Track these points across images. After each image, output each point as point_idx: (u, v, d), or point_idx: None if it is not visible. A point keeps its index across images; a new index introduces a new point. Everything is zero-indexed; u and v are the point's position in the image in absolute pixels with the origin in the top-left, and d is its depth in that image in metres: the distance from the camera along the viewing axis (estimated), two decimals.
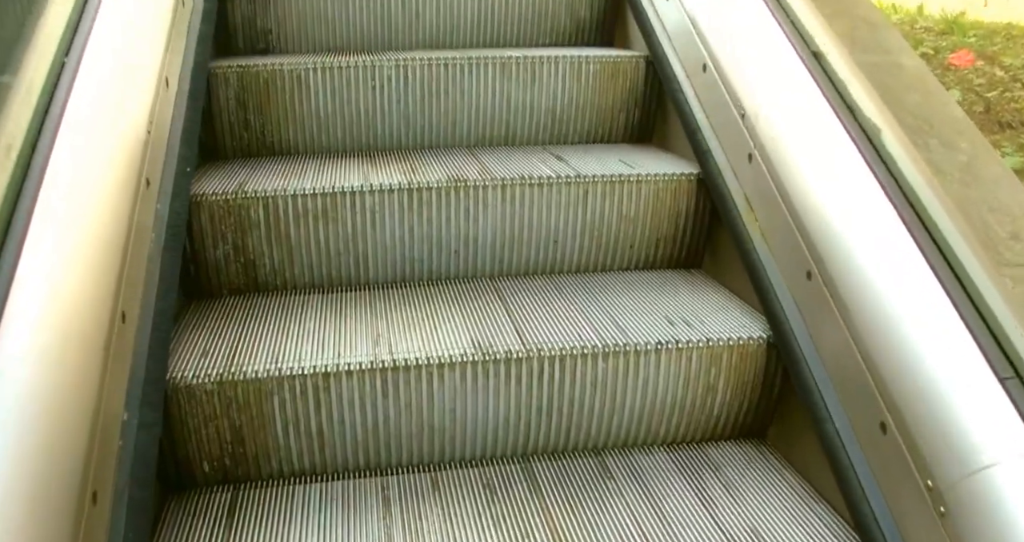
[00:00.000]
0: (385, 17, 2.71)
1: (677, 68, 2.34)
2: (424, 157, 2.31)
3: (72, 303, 1.31)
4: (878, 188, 1.59)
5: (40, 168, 1.37)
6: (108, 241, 1.51)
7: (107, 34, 1.79)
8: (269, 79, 2.33)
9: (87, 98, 1.59)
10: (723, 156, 2.10)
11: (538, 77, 2.41)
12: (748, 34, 2.06)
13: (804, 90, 1.83)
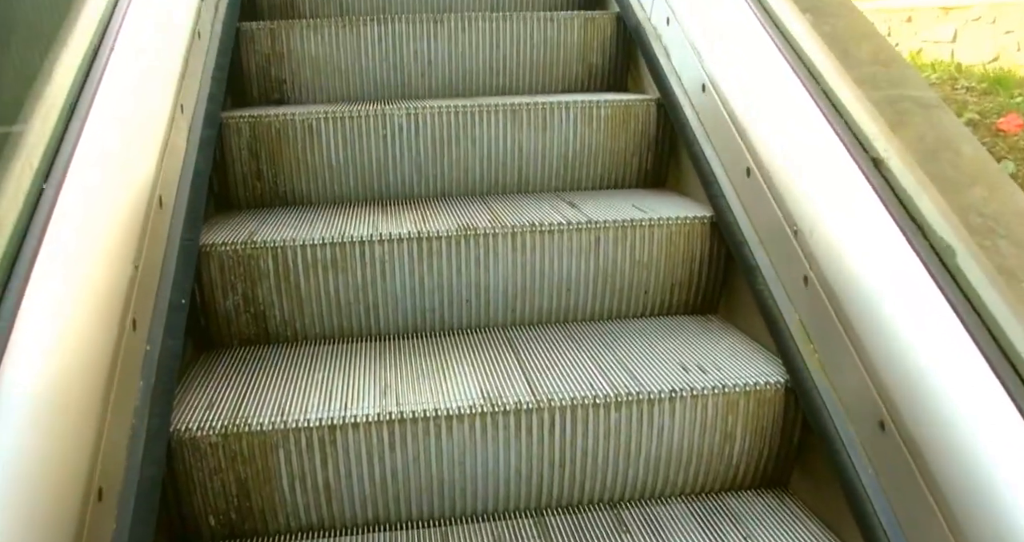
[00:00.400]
0: (398, 66, 2.72)
1: (688, 111, 2.33)
2: (435, 205, 2.30)
3: (72, 361, 1.29)
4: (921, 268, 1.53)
5: (40, 229, 1.36)
6: (113, 287, 1.50)
7: (117, 88, 1.80)
8: (281, 129, 2.34)
9: (92, 159, 1.59)
10: (736, 200, 2.07)
11: (550, 123, 2.41)
12: (766, 88, 2.03)
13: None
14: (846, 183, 1.64)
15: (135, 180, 1.74)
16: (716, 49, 2.22)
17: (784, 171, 1.86)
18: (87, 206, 1.49)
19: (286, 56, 2.71)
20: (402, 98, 2.72)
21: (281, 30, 2.70)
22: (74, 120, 1.56)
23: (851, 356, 1.59)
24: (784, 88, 1.87)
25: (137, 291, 1.60)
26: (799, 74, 1.82)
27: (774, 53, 1.91)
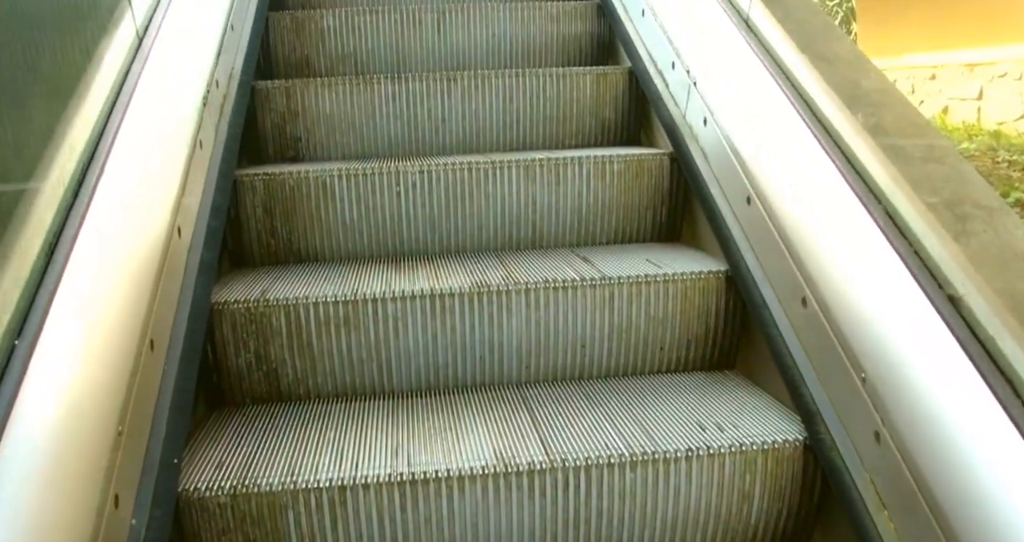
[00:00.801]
0: (412, 123, 2.74)
1: (702, 165, 2.33)
2: (449, 262, 2.30)
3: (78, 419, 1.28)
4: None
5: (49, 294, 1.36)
6: (122, 351, 1.49)
7: (128, 150, 1.81)
8: (295, 186, 2.35)
9: (109, 206, 1.60)
10: (751, 253, 2.06)
11: (563, 178, 2.41)
12: (788, 156, 2.02)
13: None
14: (851, 248, 1.63)
15: (145, 248, 1.74)
16: (729, 108, 2.22)
17: (799, 233, 1.85)
18: (100, 258, 1.49)
19: (301, 114, 2.74)
20: (416, 155, 2.73)
21: (296, 88, 2.73)
22: (89, 175, 1.57)
23: (870, 413, 1.56)
24: (808, 161, 1.85)
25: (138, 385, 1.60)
26: (836, 161, 1.77)
27: (798, 124, 1.90)
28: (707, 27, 2.40)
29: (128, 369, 1.51)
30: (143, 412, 1.55)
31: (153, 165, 1.90)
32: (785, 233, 1.89)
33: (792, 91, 1.94)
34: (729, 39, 2.24)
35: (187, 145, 2.12)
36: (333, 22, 3.11)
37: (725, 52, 2.28)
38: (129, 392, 1.49)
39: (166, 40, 2.13)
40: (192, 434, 1.84)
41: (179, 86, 2.19)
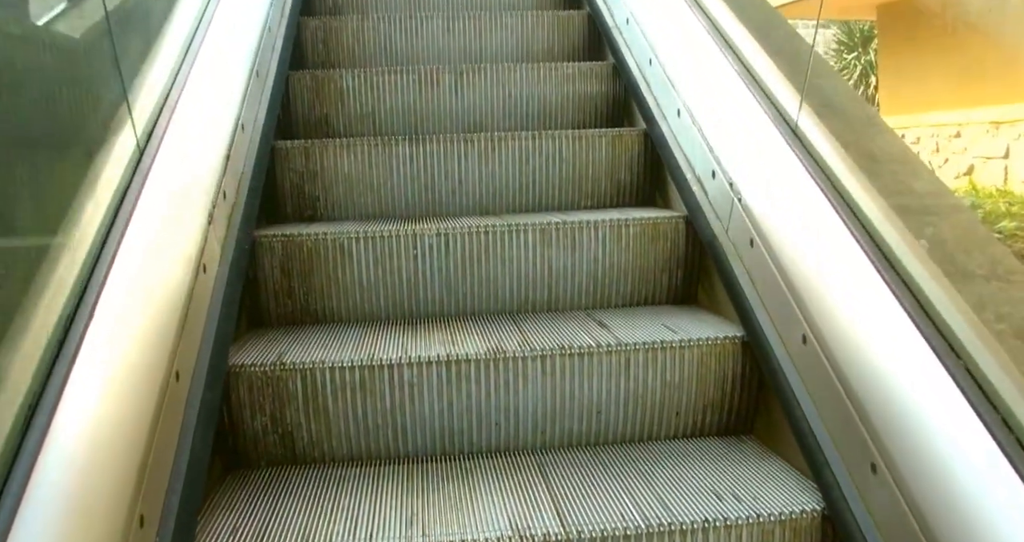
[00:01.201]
0: (429, 185, 2.77)
1: (718, 231, 2.34)
2: (465, 325, 2.30)
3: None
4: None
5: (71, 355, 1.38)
6: (137, 419, 1.50)
7: (147, 213, 1.84)
8: (313, 248, 2.37)
9: (127, 270, 1.62)
10: (766, 317, 2.06)
11: (579, 242, 2.42)
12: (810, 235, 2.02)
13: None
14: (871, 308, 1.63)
15: (161, 309, 1.76)
16: (782, 233, 2.22)
17: (780, 239, 1.86)
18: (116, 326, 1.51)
19: (319, 174, 2.77)
20: (433, 216, 2.76)
21: (315, 149, 2.77)
22: (113, 232, 1.60)
23: (889, 485, 1.55)
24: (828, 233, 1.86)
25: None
26: (855, 234, 1.78)
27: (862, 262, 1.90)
28: (750, 135, 2.31)
29: (144, 437, 1.51)
30: (157, 494, 1.55)
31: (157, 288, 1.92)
32: (800, 298, 1.89)
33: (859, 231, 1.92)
34: (779, 153, 2.14)
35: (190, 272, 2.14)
36: (352, 82, 3.15)
37: (774, 168, 2.17)
38: (143, 471, 1.49)
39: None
40: (208, 496, 1.84)
41: (197, 146, 2.22)
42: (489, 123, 3.20)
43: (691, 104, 2.64)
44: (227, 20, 2.72)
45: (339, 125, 3.18)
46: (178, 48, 2.38)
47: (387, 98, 3.17)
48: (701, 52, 2.63)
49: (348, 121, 3.18)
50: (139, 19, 2.33)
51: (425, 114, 3.19)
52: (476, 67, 3.19)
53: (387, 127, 3.18)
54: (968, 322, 1.53)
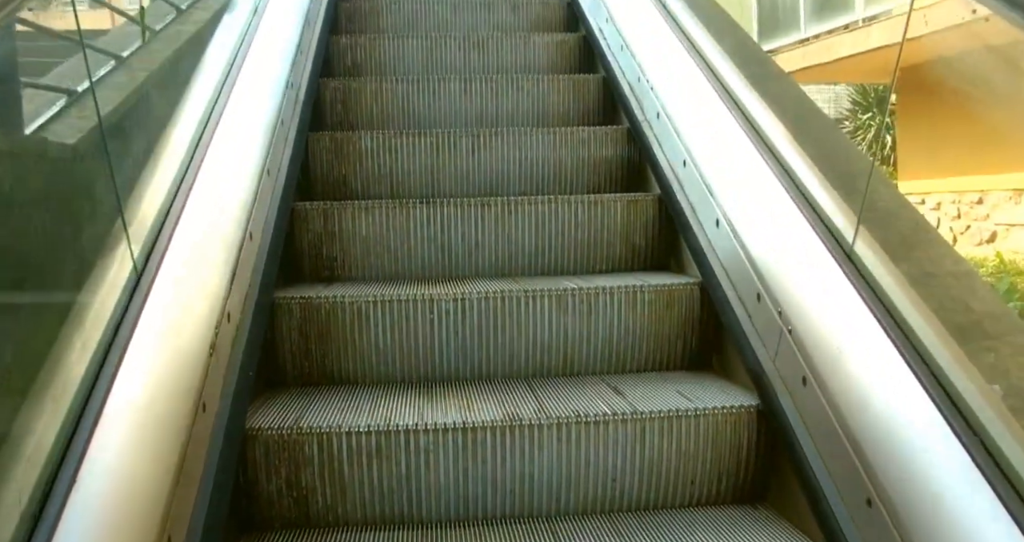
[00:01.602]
0: (445, 247, 2.80)
1: (732, 296, 2.35)
2: (481, 390, 2.31)
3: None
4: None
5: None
6: (155, 477, 1.51)
7: (174, 265, 1.87)
8: (331, 311, 2.39)
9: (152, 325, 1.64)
10: (780, 383, 2.07)
11: (594, 308, 2.44)
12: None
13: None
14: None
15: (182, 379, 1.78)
16: (764, 249, 2.25)
17: (839, 380, 1.85)
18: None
19: (337, 235, 2.81)
20: (449, 278, 2.78)
21: (334, 210, 2.81)
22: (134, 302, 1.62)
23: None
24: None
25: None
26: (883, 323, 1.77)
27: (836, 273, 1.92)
28: (798, 256, 2.19)
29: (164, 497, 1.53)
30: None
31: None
32: (827, 390, 1.89)
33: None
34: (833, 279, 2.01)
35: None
36: (371, 144, 3.20)
37: (827, 294, 2.04)
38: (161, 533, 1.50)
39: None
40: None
41: (216, 217, 2.26)
42: (505, 186, 3.25)
43: (729, 213, 2.56)
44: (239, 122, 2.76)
45: (357, 186, 3.22)
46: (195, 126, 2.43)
47: (405, 160, 3.21)
48: (737, 154, 2.59)
49: (366, 182, 3.22)
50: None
51: (442, 176, 3.23)
52: (493, 131, 3.24)
53: (405, 188, 3.22)
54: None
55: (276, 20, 3.35)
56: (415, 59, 4.06)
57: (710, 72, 2.87)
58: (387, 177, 3.22)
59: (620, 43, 3.75)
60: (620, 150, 3.33)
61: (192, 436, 1.69)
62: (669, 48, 3.23)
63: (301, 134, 3.15)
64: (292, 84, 3.29)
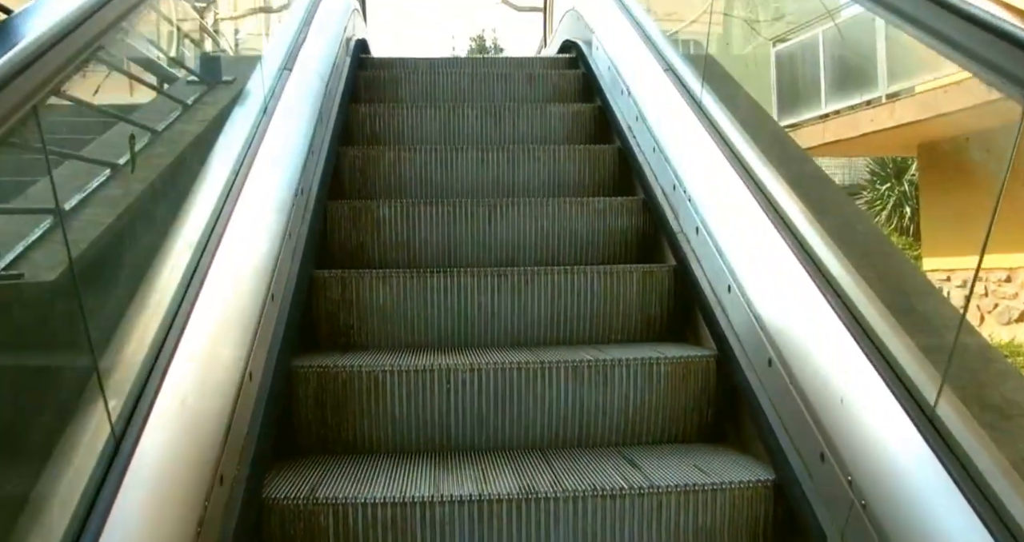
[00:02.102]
0: (462, 316, 2.82)
1: (748, 371, 2.35)
2: (496, 461, 2.30)
3: None
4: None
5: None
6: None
7: (197, 330, 1.89)
8: (347, 380, 2.40)
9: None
10: (798, 460, 2.06)
11: (610, 380, 2.44)
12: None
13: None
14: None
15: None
16: (781, 326, 2.25)
17: (859, 454, 1.84)
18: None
19: (355, 304, 2.83)
20: (465, 347, 2.79)
21: (351, 279, 2.83)
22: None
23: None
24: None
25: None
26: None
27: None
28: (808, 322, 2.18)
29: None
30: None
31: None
32: (843, 461, 1.89)
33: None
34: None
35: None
36: (389, 212, 3.25)
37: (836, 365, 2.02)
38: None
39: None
40: None
41: (239, 283, 2.28)
42: (521, 255, 3.27)
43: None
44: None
45: (375, 254, 3.26)
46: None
47: (423, 228, 3.25)
48: (746, 224, 2.62)
49: (384, 250, 3.25)
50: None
51: (459, 244, 3.26)
52: (509, 201, 3.28)
53: (422, 256, 3.25)
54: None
55: (295, 97, 3.41)
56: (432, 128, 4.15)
57: (728, 149, 2.90)
58: (404, 245, 3.26)
59: (635, 114, 3.81)
60: (635, 221, 3.36)
61: (209, 510, 1.69)
62: (687, 123, 3.27)
63: (320, 202, 3.20)
64: (313, 151, 3.34)
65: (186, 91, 3.00)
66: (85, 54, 1.55)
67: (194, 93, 3.04)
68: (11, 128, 1.25)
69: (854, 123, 9.02)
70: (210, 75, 3.27)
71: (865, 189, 14.16)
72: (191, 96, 2.97)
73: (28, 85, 1.30)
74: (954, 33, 1.66)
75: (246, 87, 3.13)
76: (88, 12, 1.52)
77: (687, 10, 4.37)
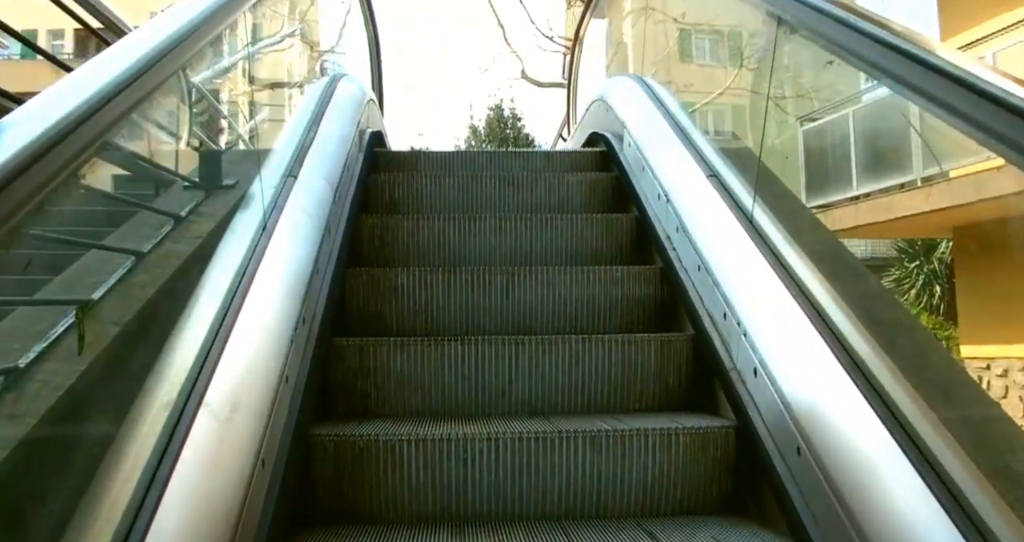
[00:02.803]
0: (478, 385, 2.82)
1: (768, 441, 2.33)
2: (513, 531, 2.27)
3: None
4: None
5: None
6: None
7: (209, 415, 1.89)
8: (364, 449, 2.40)
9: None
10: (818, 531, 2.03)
11: (628, 450, 2.42)
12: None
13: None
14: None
15: None
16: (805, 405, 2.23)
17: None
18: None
19: (372, 371, 2.83)
20: (483, 415, 2.78)
21: (370, 347, 2.84)
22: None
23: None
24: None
25: None
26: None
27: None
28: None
29: None
30: None
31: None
32: (856, 522, 1.87)
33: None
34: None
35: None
36: (407, 281, 3.27)
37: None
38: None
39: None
40: None
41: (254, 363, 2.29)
42: (539, 322, 3.28)
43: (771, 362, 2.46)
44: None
45: (392, 321, 3.27)
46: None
47: (440, 296, 3.27)
48: (770, 297, 2.58)
49: (401, 317, 3.27)
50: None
51: (476, 312, 3.28)
52: (526, 269, 3.30)
53: (440, 323, 3.26)
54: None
55: (299, 210, 3.15)
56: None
57: (749, 225, 2.89)
58: (422, 313, 3.28)
59: (676, 225, 3.46)
60: (653, 290, 3.36)
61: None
62: (706, 198, 3.27)
63: (339, 269, 3.23)
64: (329, 230, 3.35)
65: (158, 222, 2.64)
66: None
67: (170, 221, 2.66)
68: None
69: (888, 206, 8.94)
70: (181, 203, 2.83)
71: (892, 265, 13.99)
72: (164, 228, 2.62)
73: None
74: (994, 123, 1.65)
75: (244, 197, 2.85)
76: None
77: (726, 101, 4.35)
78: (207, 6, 2.35)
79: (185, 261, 2.47)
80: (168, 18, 2.19)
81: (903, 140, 8.58)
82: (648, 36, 5.99)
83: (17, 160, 1.32)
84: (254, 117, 4.12)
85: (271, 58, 4.57)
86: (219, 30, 2.45)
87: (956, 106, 1.76)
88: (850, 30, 2.22)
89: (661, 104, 4.43)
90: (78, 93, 1.58)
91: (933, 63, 1.86)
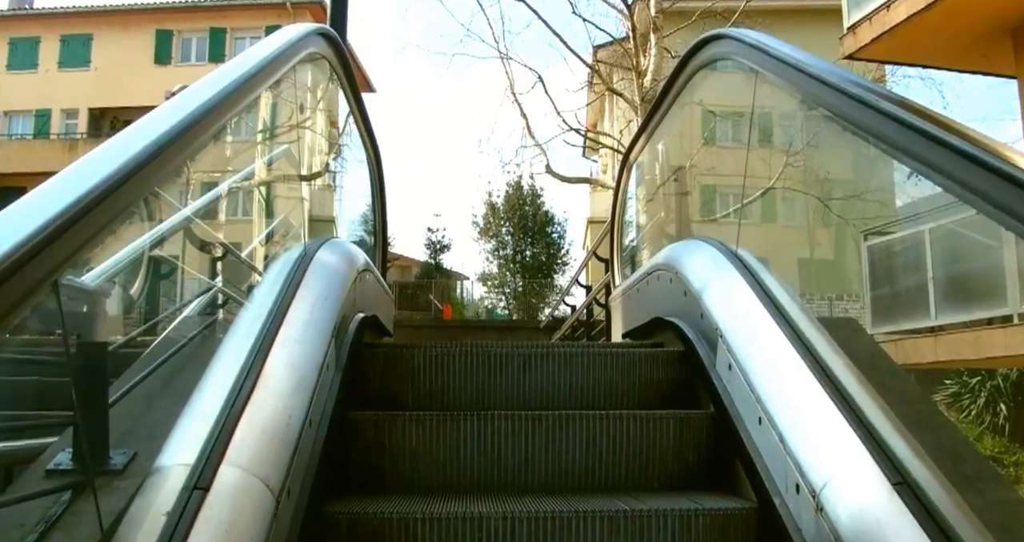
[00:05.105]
0: (495, 461, 2.78)
1: (789, 523, 2.27)
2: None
3: None
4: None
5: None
6: None
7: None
8: (378, 528, 2.36)
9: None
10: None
11: (647, 531, 2.36)
12: None
13: None
14: None
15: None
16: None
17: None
18: None
19: (388, 447, 2.80)
20: (499, 492, 2.74)
21: (385, 422, 2.82)
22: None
23: None
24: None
25: None
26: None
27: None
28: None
29: None
30: None
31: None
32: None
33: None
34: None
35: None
36: (423, 361, 3.26)
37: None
38: None
39: None
40: None
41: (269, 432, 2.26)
42: (555, 403, 3.26)
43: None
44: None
45: (409, 401, 3.28)
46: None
47: (456, 377, 3.29)
48: (785, 369, 2.53)
49: (418, 397, 3.29)
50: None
51: (493, 392, 3.28)
52: (542, 352, 3.33)
53: (456, 403, 3.24)
54: None
55: (313, 297, 2.95)
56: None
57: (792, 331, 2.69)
58: (439, 394, 3.27)
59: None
60: (672, 373, 3.33)
61: None
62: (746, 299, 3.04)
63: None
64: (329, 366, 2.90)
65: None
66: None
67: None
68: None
69: (976, 342, 8.14)
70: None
71: (947, 377, 13.00)
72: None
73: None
74: None
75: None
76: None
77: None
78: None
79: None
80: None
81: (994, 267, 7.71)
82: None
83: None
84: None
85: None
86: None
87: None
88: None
89: (771, 301, 2.92)
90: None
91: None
